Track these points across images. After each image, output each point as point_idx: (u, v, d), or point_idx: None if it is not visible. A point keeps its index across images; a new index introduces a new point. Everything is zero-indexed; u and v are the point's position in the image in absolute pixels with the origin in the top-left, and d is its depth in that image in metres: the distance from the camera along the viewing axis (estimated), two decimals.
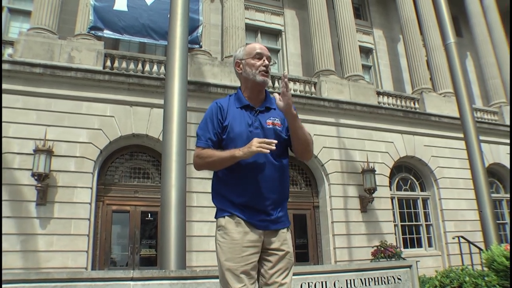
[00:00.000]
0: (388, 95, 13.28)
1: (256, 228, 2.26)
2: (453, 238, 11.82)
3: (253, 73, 2.39)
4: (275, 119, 2.41)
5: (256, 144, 2.14)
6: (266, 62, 2.40)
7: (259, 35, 14.15)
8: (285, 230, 2.38)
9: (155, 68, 10.42)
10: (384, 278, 5.16)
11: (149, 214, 9.87)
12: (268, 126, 2.36)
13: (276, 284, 2.26)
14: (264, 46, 2.48)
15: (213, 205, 2.42)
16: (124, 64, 10.15)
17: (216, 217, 2.37)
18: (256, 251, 2.25)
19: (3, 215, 8.09)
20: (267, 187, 2.30)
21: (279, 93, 2.27)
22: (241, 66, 2.45)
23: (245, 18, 12.82)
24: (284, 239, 2.34)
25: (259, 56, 2.40)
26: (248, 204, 2.27)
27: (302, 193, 11.68)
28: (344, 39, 13.07)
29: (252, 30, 13.94)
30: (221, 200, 2.35)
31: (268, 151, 2.14)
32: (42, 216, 8.43)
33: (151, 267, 9.15)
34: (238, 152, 2.19)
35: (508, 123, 14.60)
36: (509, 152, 13.67)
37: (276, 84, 11.76)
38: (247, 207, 2.27)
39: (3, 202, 8.17)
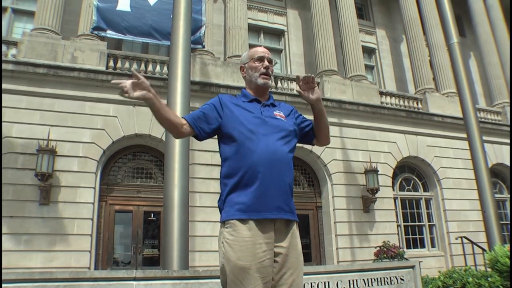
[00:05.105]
0: (391, 95, 13.25)
1: (267, 224, 2.18)
2: (456, 239, 11.80)
3: (255, 76, 2.50)
4: (280, 112, 2.50)
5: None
6: (266, 63, 2.50)
7: (261, 35, 14.14)
8: (295, 226, 2.32)
9: (158, 68, 10.45)
10: (387, 278, 5.15)
11: (152, 214, 9.89)
12: (276, 117, 2.44)
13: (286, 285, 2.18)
14: (266, 49, 2.60)
15: (216, 205, 2.37)
16: (127, 64, 10.18)
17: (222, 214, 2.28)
18: (269, 248, 2.15)
19: (6, 215, 8.13)
20: (279, 183, 2.24)
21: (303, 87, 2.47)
22: (244, 70, 2.59)
23: (248, 18, 12.82)
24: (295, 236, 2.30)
25: (260, 58, 2.51)
26: (261, 201, 2.19)
27: (304, 193, 11.68)
28: (347, 39, 13.05)
29: (254, 30, 13.94)
30: (231, 201, 2.24)
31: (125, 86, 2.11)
32: (45, 216, 8.47)
33: (154, 267, 9.17)
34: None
35: None
36: None
37: (279, 84, 11.75)
38: (260, 202, 2.19)
39: (6, 202, 8.20)
